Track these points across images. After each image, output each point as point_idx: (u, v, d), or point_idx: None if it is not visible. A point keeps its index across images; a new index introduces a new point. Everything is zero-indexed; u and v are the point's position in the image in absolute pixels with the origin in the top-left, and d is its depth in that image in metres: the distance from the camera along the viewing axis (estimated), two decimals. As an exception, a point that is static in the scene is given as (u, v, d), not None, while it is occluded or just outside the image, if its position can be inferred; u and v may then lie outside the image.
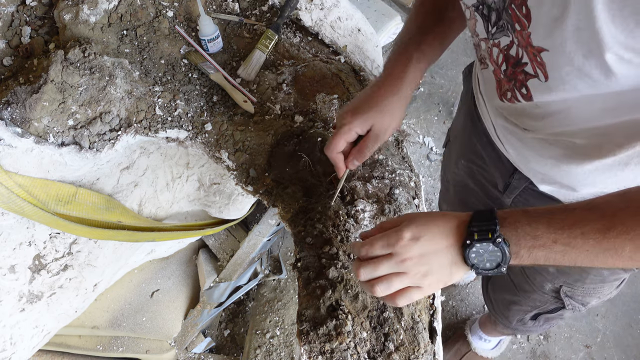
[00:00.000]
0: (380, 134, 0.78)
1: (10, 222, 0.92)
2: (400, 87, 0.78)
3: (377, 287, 0.63)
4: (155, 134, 0.99)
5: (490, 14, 0.64)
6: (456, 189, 1.27)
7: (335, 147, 0.78)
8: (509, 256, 0.58)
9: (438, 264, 0.62)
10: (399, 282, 0.63)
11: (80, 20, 1.00)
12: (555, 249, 0.56)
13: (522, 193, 0.93)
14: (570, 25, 0.51)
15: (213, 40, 1.06)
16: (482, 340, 1.83)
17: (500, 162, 0.94)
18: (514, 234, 0.58)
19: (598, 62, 0.52)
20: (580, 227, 0.55)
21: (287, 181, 0.94)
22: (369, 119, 0.77)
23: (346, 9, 1.25)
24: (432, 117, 2.51)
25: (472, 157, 1.07)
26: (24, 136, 0.85)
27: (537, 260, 0.58)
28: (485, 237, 0.58)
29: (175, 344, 1.55)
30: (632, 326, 2.00)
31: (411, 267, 0.62)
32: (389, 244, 0.63)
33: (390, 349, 0.74)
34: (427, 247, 0.61)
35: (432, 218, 0.64)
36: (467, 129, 1.06)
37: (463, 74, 1.11)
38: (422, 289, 0.63)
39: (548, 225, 0.57)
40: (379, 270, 0.63)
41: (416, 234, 0.62)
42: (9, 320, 0.99)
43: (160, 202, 1.28)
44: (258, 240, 1.63)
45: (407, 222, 0.64)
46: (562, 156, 0.75)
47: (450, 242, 0.62)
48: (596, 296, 1.03)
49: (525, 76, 0.64)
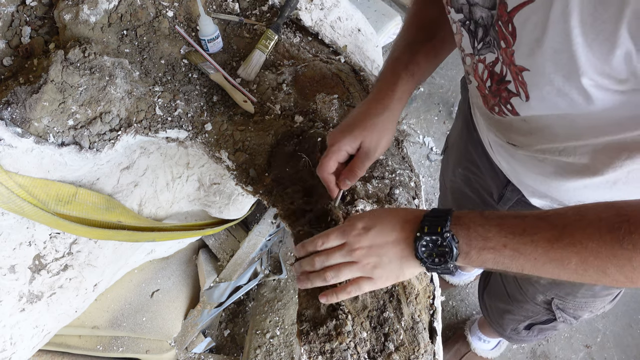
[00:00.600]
0: (370, 152, 0.77)
1: (11, 222, 0.92)
2: (388, 104, 0.78)
3: (327, 274, 0.65)
4: (155, 134, 0.99)
5: (477, 30, 0.63)
6: (454, 195, 1.28)
7: (326, 167, 0.77)
8: (456, 252, 0.59)
9: (387, 256, 0.63)
10: (348, 271, 0.65)
11: (80, 20, 1.00)
12: (504, 253, 0.57)
13: (515, 205, 0.93)
14: (549, 47, 0.51)
15: (213, 40, 1.06)
16: (481, 341, 1.83)
17: (494, 172, 0.94)
18: (465, 232, 0.59)
19: (576, 85, 0.52)
20: (531, 234, 0.55)
21: (287, 181, 0.94)
22: (358, 137, 0.76)
23: (346, 9, 1.25)
24: (432, 117, 2.51)
25: (468, 166, 1.07)
26: (24, 136, 0.85)
27: (486, 262, 0.58)
28: (434, 230, 0.59)
29: (175, 344, 1.55)
30: (632, 326, 2.00)
31: (361, 256, 0.63)
32: (342, 233, 0.65)
33: (391, 349, 0.74)
34: (377, 238, 0.63)
35: (389, 211, 0.65)
36: (463, 138, 1.06)
37: (461, 83, 1.11)
38: (373, 281, 0.65)
39: (500, 229, 0.57)
40: (330, 259, 0.65)
41: (368, 224, 0.64)
42: (9, 320, 0.99)
43: (160, 202, 1.28)
44: (258, 240, 1.63)
45: (363, 214, 0.66)
46: (551, 173, 0.75)
47: (402, 235, 0.63)
48: (588, 310, 1.02)
49: (509, 94, 0.64)
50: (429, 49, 0.80)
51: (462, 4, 0.63)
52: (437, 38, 0.81)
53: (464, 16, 0.64)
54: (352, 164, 0.78)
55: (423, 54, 0.80)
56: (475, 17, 0.62)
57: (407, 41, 0.82)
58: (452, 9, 0.65)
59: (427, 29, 0.81)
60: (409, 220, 0.63)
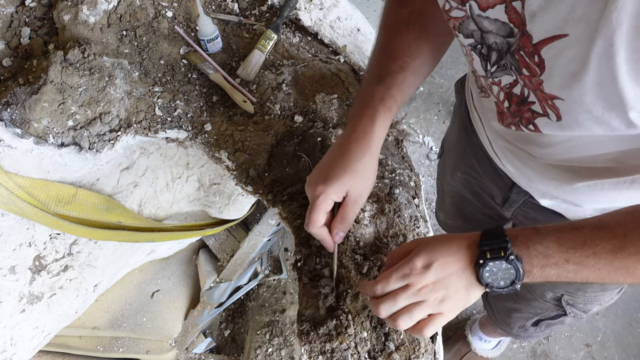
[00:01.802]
0: (357, 197, 0.73)
1: (11, 223, 0.92)
2: (369, 146, 0.73)
3: (400, 321, 0.63)
4: (155, 135, 0.99)
5: (490, 54, 0.62)
6: (453, 199, 1.27)
7: (316, 222, 0.72)
8: (522, 273, 0.58)
9: (454, 287, 0.62)
10: (419, 311, 0.62)
11: (80, 20, 1.00)
12: (567, 268, 0.57)
13: (521, 206, 0.92)
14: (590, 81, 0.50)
15: (212, 40, 1.06)
16: (482, 341, 1.83)
17: (497, 176, 0.93)
18: (525, 252, 0.58)
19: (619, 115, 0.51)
20: (592, 246, 0.55)
21: (287, 181, 0.94)
22: (343, 185, 0.71)
23: (345, 9, 1.25)
24: (431, 117, 2.51)
25: (468, 170, 1.06)
26: (24, 137, 0.85)
27: (549, 277, 0.58)
28: (497, 255, 0.58)
29: (176, 344, 1.55)
30: (632, 325, 2.00)
31: (428, 294, 0.61)
32: (403, 276, 0.62)
33: (391, 349, 0.74)
34: (440, 272, 0.61)
35: (442, 242, 0.63)
36: (461, 142, 1.05)
37: (455, 87, 1.09)
38: (444, 315, 0.63)
39: (559, 244, 0.57)
40: (397, 303, 0.63)
41: (428, 260, 0.62)
42: (10, 321, 0.99)
43: (160, 202, 1.28)
44: (258, 240, 1.63)
45: (417, 250, 0.63)
46: (567, 178, 0.74)
47: (463, 264, 0.62)
48: (597, 303, 1.02)
49: (533, 114, 0.63)
50: (402, 81, 0.76)
51: (473, 30, 0.61)
52: (410, 69, 0.76)
53: (474, 41, 0.63)
54: (342, 214, 0.73)
55: (397, 87, 0.75)
56: (488, 42, 0.60)
57: (380, 73, 0.77)
58: (461, 34, 0.64)
59: (399, 60, 0.76)
60: (467, 247, 0.62)
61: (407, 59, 0.76)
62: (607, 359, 1.93)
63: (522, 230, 0.60)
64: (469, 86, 0.96)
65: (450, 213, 1.36)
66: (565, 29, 0.49)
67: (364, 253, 0.82)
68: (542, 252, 0.57)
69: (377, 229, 0.85)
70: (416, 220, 0.89)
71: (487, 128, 0.87)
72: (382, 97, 0.74)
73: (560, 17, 0.48)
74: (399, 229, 0.85)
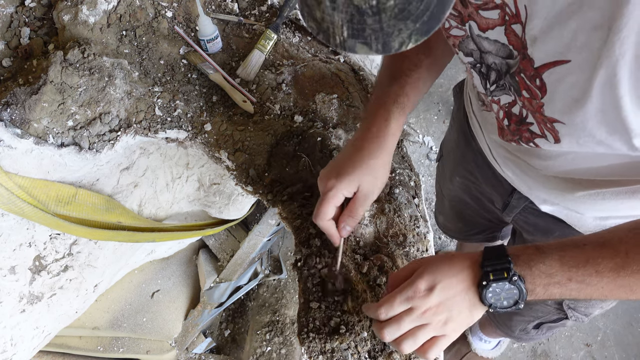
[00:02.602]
0: (368, 194, 0.74)
1: (11, 223, 0.92)
2: (382, 143, 0.74)
3: (404, 345, 0.63)
4: (154, 135, 0.99)
5: (489, 73, 0.62)
6: (452, 203, 1.27)
7: (324, 214, 0.73)
8: (526, 293, 0.58)
9: (457, 309, 0.62)
10: (423, 334, 0.62)
11: (80, 21, 1.00)
12: (570, 286, 0.57)
13: (522, 212, 0.92)
14: (593, 108, 0.50)
15: (212, 40, 1.06)
16: (482, 341, 1.83)
17: (497, 181, 0.93)
18: (528, 272, 0.58)
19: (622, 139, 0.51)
20: (594, 265, 0.55)
21: (287, 181, 0.94)
22: (355, 180, 0.72)
23: (345, 9, 1.25)
24: (431, 117, 2.51)
25: (466, 175, 1.06)
26: (24, 137, 0.85)
27: (553, 296, 0.58)
28: (501, 276, 0.58)
29: (176, 344, 1.55)
30: (632, 325, 2.00)
31: (432, 317, 0.61)
32: (407, 299, 0.62)
33: (391, 349, 0.74)
34: (444, 294, 0.61)
35: (443, 263, 0.63)
36: (460, 147, 1.05)
37: (454, 91, 1.09)
38: (448, 336, 0.63)
39: (561, 263, 0.57)
40: (401, 327, 0.63)
41: (431, 282, 0.61)
42: (10, 321, 0.99)
43: (160, 202, 1.28)
44: (258, 240, 1.63)
45: (419, 271, 0.63)
46: (568, 187, 0.74)
47: (466, 284, 0.62)
48: (599, 307, 1.02)
49: (532, 135, 0.63)
50: (416, 79, 0.76)
51: (472, 49, 0.61)
52: (424, 66, 0.77)
53: (474, 60, 0.62)
54: (350, 208, 0.74)
55: (410, 85, 0.76)
56: (487, 62, 0.60)
57: (393, 72, 0.78)
58: (461, 52, 0.64)
59: (413, 58, 0.77)
60: (469, 267, 0.62)
61: (420, 56, 0.77)
62: (607, 358, 1.93)
63: (524, 249, 0.60)
64: (467, 92, 0.96)
65: (449, 216, 1.36)
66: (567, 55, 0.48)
67: (364, 253, 0.82)
68: (544, 272, 0.57)
69: (377, 228, 0.85)
70: (416, 220, 0.89)
71: (487, 137, 0.87)
72: (396, 96, 0.75)
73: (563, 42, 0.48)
74: (399, 228, 0.85)
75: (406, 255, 0.82)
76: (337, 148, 0.95)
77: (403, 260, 0.81)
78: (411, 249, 0.83)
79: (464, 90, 1.00)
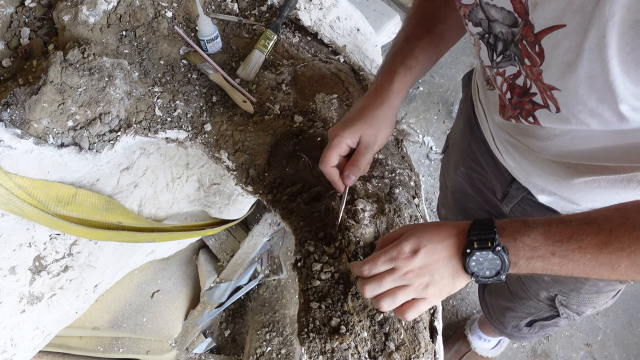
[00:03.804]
0: (370, 144, 0.78)
1: (11, 224, 0.92)
2: (386, 98, 0.78)
3: (382, 302, 0.64)
4: (154, 135, 0.99)
5: (496, 44, 0.63)
6: (455, 195, 1.27)
7: (328, 160, 0.78)
8: (508, 264, 0.59)
9: (439, 274, 0.63)
10: (403, 294, 0.64)
11: (79, 21, 1.00)
12: (552, 261, 0.57)
13: (520, 202, 0.93)
14: (583, 72, 0.50)
15: (212, 40, 1.06)
16: (482, 340, 1.83)
17: (498, 170, 0.94)
18: (512, 244, 0.59)
19: (611, 107, 0.52)
20: (578, 241, 0.56)
21: (287, 181, 0.94)
22: (357, 130, 0.77)
23: (345, 9, 1.25)
24: (431, 117, 2.51)
25: (471, 164, 1.07)
26: (24, 137, 0.85)
27: (535, 270, 0.59)
28: (485, 245, 0.59)
29: (176, 344, 1.55)
30: (632, 324, 2.00)
31: (413, 279, 0.63)
32: (390, 259, 0.64)
33: (391, 349, 0.74)
34: (427, 258, 0.62)
35: (431, 229, 0.64)
36: (466, 136, 1.06)
37: (462, 81, 1.10)
38: (428, 300, 0.64)
39: (546, 237, 0.57)
40: (382, 285, 0.64)
41: (416, 246, 0.63)
42: (10, 322, 0.99)
43: (160, 202, 1.28)
44: (258, 240, 1.63)
45: (407, 235, 0.65)
46: (565, 173, 0.75)
47: (451, 251, 0.63)
48: (591, 306, 1.03)
49: (533, 106, 0.64)
50: (427, 43, 0.80)
51: (481, 18, 0.62)
52: (437, 32, 0.80)
53: (482, 29, 0.64)
54: (354, 157, 0.79)
55: (421, 48, 0.80)
56: (494, 31, 0.61)
57: (405, 36, 0.82)
58: (470, 22, 0.65)
59: (426, 23, 0.81)
60: (456, 235, 0.63)
61: (434, 21, 0.80)
62: (607, 358, 1.93)
63: (510, 222, 0.61)
64: (475, 80, 0.98)
65: (451, 209, 1.36)
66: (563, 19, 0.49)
67: (364, 253, 0.82)
68: (528, 244, 0.58)
69: (377, 228, 0.85)
70: (416, 220, 0.89)
71: (490, 121, 0.88)
72: (403, 57, 0.79)
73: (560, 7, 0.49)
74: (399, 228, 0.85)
75: (406, 255, 0.82)
76: (337, 148, 0.95)
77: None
78: (411, 249, 0.83)
79: (472, 79, 1.01)
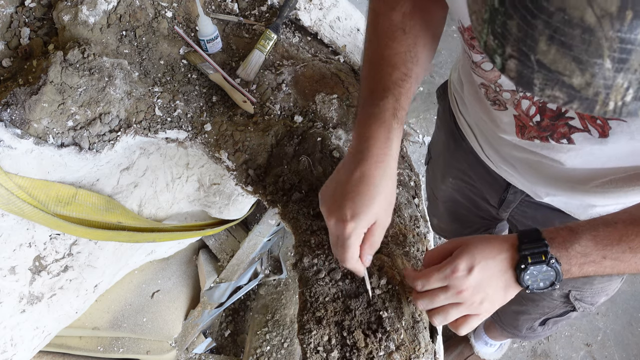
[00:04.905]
0: (384, 224, 0.71)
1: (10, 224, 0.92)
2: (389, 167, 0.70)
3: (434, 318, 0.66)
4: (154, 135, 0.99)
5: None
6: (446, 204, 1.27)
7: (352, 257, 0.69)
8: (562, 274, 0.60)
9: (493, 289, 0.63)
10: (456, 312, 0.64)
11: (79, 21, 1.00)
12: (604, 264, 0.59)
13: (519, 206, 0.93)
14: None
15: (212, 40, 1.06)
16: (487, 346, 1.82)
17: (491, 178, 0.93)
18: (564, 253, 0.60)
19: None
20: (627, 242, 0.57)
21: (287, 181, 0.94)
22: (372, 215, 0.68)
23: (345, 9, 1.25)
24: (431, 117, 2.51)
25: (459, 175, 1.07)
26: (24, 137, 0.85)
27: (587, 274, 0.60)
28: (539, 259, 0.60)
29: (176, 344, 1.55)
30: (632, 324, 2.00)
31: (467, 297, 0.63)
32: (445, 277, 0.64)
33: (391, 349, 0.74)
34: (481, 276, 0.62)
35: (483, 245, 0.64)
36: (450, 148, 1.05)
37: (437, 93, 1.09)
38: (481, 315, 0.65)
39: (595, 242, 0.58)
40: (435, 302, 0.65)
41: (470, 264, 0.63)
42: (10, 322, 0.99)
43: (160, 202, 1.28)
44: (258, 240, 1.63)
45: (459, 251, 0.64)
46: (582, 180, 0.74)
47: (504, 266, 0.63)
48: (604, 294, 1.03)
49: (570, 129, 0.63)
50: (408, 89, 0.73)
51: None
52: (413, 75, 0.74)
53: None
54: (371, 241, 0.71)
55: (404, 96, 0.72)
56: None
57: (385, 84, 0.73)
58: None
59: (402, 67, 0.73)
60: (507, 250, 0.63)
61: (409, 64, 0.73)
62: (607, 358, 1.93)
63: (557, 231, 0.62)
64: (452, 93, 0.96)
65: (444, 218, 1.36)
66: None
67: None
68: (580, 252, 0.59)
69: (377, 228, 0.85)
70: (416, 220, 0.89)
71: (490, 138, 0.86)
72: (394, 110, 0.71)
73: None
74: (399, 228, 0.85)
75: (406, 255, 0.82)
76: (337, 148, 0.95)
77: (403, 260, 0.81)
78: (411, 249, 0.83)
79: (448, 92, 1.00)
